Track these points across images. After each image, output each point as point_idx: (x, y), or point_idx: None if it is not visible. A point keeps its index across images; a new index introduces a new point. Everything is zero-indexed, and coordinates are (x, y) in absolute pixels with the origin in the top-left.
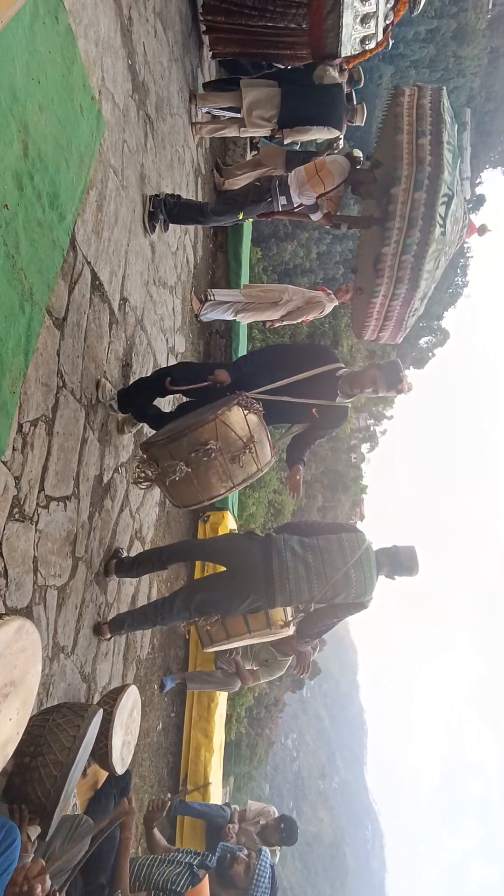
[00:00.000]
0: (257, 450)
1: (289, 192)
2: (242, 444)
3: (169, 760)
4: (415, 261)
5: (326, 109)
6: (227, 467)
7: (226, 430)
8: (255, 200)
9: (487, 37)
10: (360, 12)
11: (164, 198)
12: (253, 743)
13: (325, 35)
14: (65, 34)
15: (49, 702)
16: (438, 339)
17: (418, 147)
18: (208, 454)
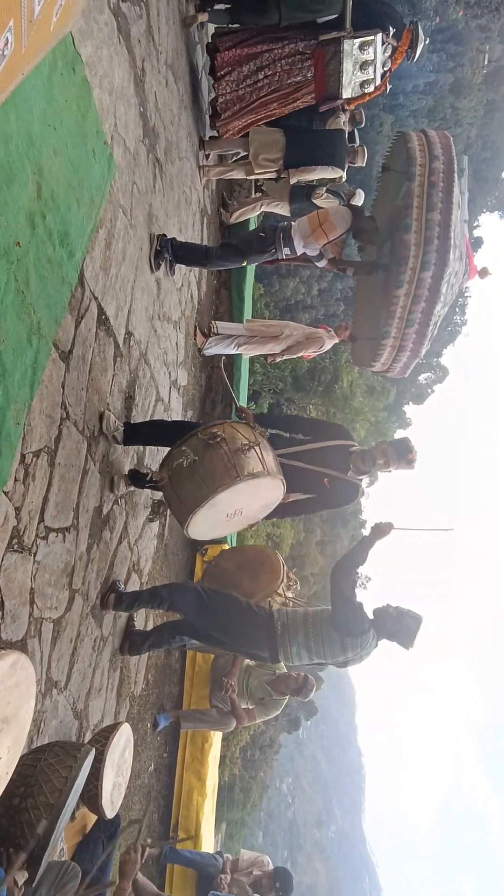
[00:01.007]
0: (263, 453)
1: (292, 243)
2: (248, 443)
3: (160, 804)
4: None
5: (329, 151)
6: (231, 457)
7: (233, 431)
8: (258, 251)
9: (483, 90)
10: (359, 59)
11: (171, 238)
12: (247, 786)
13: (327, 79)
14: (81, 84)
15: (40, 739)
16: (438, 376)
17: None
18: (214, 438)
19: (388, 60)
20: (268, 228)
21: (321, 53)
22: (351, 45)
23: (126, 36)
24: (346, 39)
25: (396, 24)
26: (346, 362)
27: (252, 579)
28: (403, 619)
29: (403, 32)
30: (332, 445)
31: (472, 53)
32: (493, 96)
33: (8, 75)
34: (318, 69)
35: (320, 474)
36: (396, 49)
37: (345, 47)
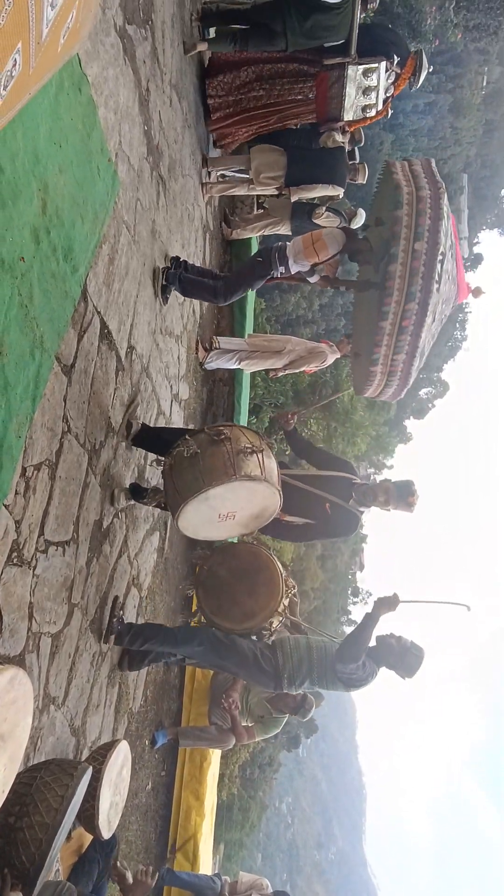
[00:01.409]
0: (264, 460)
1: (287, 262)
2: (251, 447)
3: (157, 824)
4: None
5: (330, 170)
6: (233, 457)
7: (240, 433)
8: (260, 276)
9: (482, 110)
10: (362, 85)
11: (179, 273)
12: (245, 806)
13: (329, 102)
14: (86, 103)
15: (36, 757)
16: (438, 391)
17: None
18: (219, 434)
19: (390, 86)
20: (264, 253)
21: (325, 76)
22: (355, 70)
23: (131, 57)
24: (350, 65)
25: (402, 52)
26: (346, 377)
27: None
28: (406, 655)
29: (408, 60)
30: (336, 477)
31: (471, 75)
32: (492, 116)
33: (15, 95)
34: (321, 91)
35: (322, 499)
36: (400, 76)
37: (349, 73)
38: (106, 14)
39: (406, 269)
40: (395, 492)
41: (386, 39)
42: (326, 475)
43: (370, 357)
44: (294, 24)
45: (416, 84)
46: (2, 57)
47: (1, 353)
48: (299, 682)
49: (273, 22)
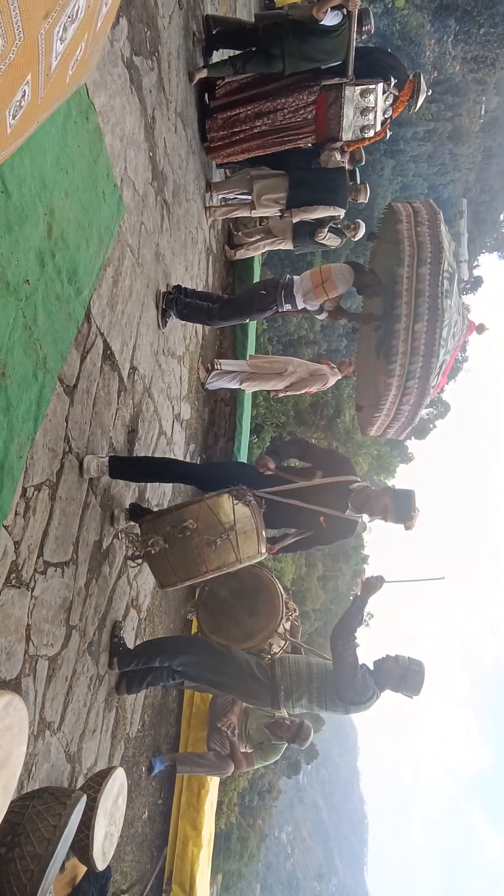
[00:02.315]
0: (238, 540)
1: (294, 300)
2: (222, 529)
3: (153, 855)
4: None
5: (331, 191)
6: (202, 550)
7: (209, 514)
8: (260, 309)
9: (481, 138)
10: (360, 105)
11: (176, 297)
12: (244, 835)
13: (328, 122)
14: (93, 131)
15: (30, 784)
16: (439, 412)
17: (418, 276)
18: (184, 531)
19: (389, 108)
20: (269, 285)
21: (323, 98)
22: (352, 91)
23: (138, 87)
24: (347, 86)
25: (400, 75)
26: (347, 397)
27: (250, 616)
28: (407, 674)
29: (406, 83)
30: (331, 484)
31: (470, 104)
32: (490, 143)
33: (24, 124)
34: (320, 112)
35: (317, 513)
36: (398, 98)
37: (346, 93)
38: (114, 46)
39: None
40: (392, 510)
41: (384, 63)
42: (321, 485)
43: (376, 405)
44: (292, 47)
45: (414, 107)
46: (12, 88)
47: (4, 374)
48: (296, 697)
49: (271, 46)
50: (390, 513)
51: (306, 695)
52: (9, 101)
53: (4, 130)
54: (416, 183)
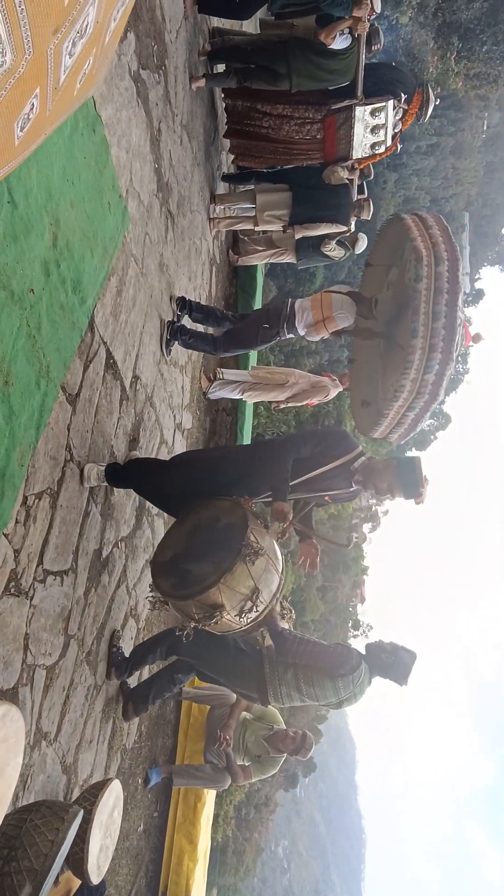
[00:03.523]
0: (263, 594)
1: (296, 330)
2: (248, 597)
3: (148, 868)
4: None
5: (334, 209)
6: (234, 620)
7: (230, 593)
8: (264, 340)
9: (483, 153)
10: (370, 124)
11: (181, 326)
12: (240, 849)
13: (337, 143)
14: (100, 143)
15: (26, 796)
16: (440, 423)
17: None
18: (212, 616)
19: (398, 122)
20: (272, 316)
21: (332, 120)
22: (363, 111)
23: (144, 100)
24: (357, 106)
25: (408, 89)
26: (348, 408)
27: None
28: (398, 654)
29: (414, 95)
30: (332, 469)
31: (472, 119)
32: (493, 158)
33: (32, 136)
34: (330, 133)
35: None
36: (407, 111)
37: (356, 113)
38: (121, 60)
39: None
40: (400, 486)
41: (391, 78)
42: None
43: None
44: (298, 66)
45: (424, 117)
46: (21, 101)
47: (7, 382)
48: (284, 690)
49: (277, 65)
50: (397, 489)
51: (293, 683)
52: (17, 114)
53: (12, 142)
54: (418, 196)
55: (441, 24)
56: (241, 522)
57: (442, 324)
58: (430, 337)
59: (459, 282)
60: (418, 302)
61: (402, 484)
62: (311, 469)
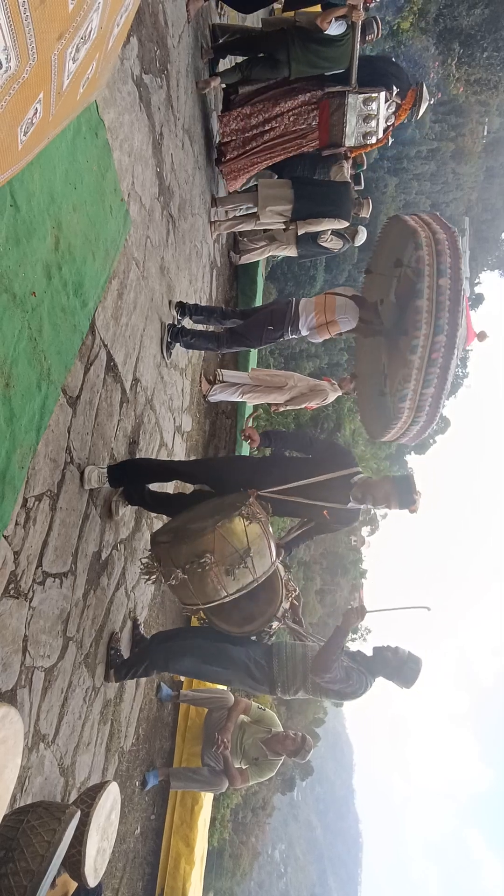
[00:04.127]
0: (254, 562)
1: (299, 332)
2: (238, 556)
3: (145, 871)
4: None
5: (336, 204)
6: (221, 578)
7: (223, 542)
8: (267, 341)
9: (483, 157)
10: (362, 112)
11: (181, 327)
12: (237, 853)
13: (331, 128)
14: (102, 147)
15: (23, 798)
16: (439, 427)
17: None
18: (202, 566)
19: (391, 116)
20: (276, 317)
21: (326, 104)
22: (356, 99)
23: (147, 104)
24: (350, 94)
25: (402, 84)
26: (348, 411)
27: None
28: (403, 667)
29: (409, 92)
30: (333, 478)
31: (473, 125)
32: (493, 163)
33: (35, 140)
34: (323, 118)
35: (320, 507)
36: (401, 106)
37: (349, 100)
38: (124, 64)
39: (433, 303)
40: (395, 496)
41: (387, 71)
42: (323, 480)
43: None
44: (297, 53)
45: (416, 115)
46: (24, 106)
47: (8, 384)
48: (293, 690)
49: (278, 51)
50: (393, 499)
51: (302, 687)
52: (21, 119)
53: (16, 146)
54: (418, 200)
55: (442, 30)
56: (243, 498)
57: (447, 283)
58: (436, 296)
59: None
60: (421, 264)
61: (398, 495)
62: (315, 473)
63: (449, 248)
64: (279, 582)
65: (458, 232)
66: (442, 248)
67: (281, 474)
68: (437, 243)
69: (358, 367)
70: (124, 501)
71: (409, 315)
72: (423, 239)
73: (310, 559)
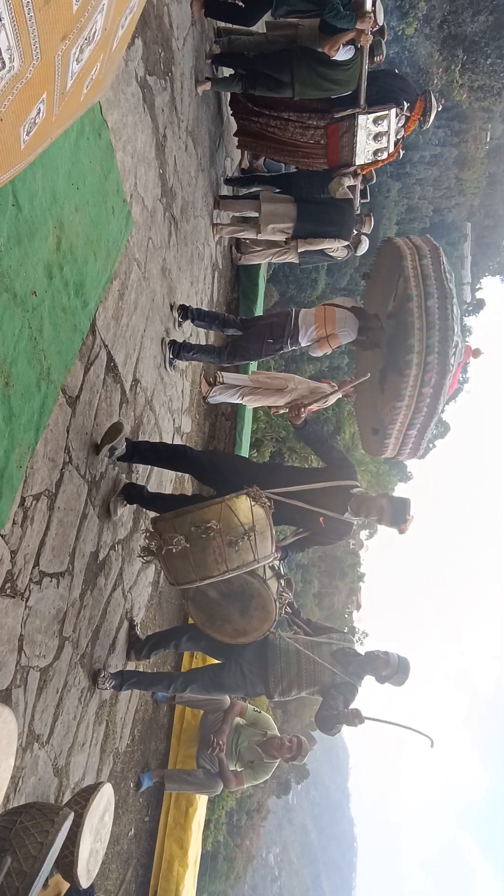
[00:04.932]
0: (257, 540)
1: (298, 343)
2: (243, 530)
3: (138, 873)
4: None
5: (338, 225)
6: (223, 550)
7: (230, 514)
8: (268, 353)
9: (486, 164)
10: (372, 132)
11: (184, 342)
12: (231, 856)
13: (340, 150)
14: (105, 148)
15: (17, 798)
16: (439, 431)
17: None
18: (207, 532)
19: (401, 129)
20: (276, 329)
21: (335, 128)
22: (365, 119)
23: (150, 105)
24: (360, 115)
25: (410, 97)
26: (348, 414)
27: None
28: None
29: (417, 102)
30: (333, 486)
31: (476, 131)
32: (495, 170)
33: (37, 140)
34: (333, 141)
35: (317, 514)
36: (409, 118)
37: (359, 121)
38: (128, 66)
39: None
40: (389, 512)
41: (394, 87)
42: (323, 488)
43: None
44: (302, 74)
45: (426, 124)
46: (27, 106)
47: (8, 383)
48: (288, 688)
49: (280, 73)
50: (386, 515)
51: (296, 685)
52: (24, 118)
53: (18, 146)
54: (421, 206)
55: (446, 37)
56: None
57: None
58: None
59: (448, 307)
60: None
61: (392, 512)
62: (318, 480)
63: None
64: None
65: (461, 237)
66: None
67: (284, 478)
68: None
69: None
70: (123, 501)
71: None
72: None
73: (308, 562)
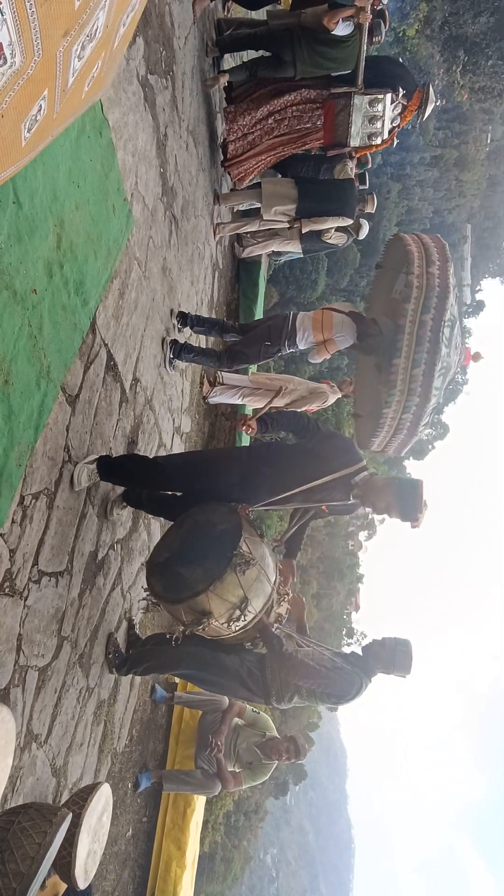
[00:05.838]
0: (252, 604)
1: (296, 346)
2: (236, 607)
3: (136, 874)
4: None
5: (341, 202)
6: (222, 629)
7: (219, 601)
8: (266, 356)
9: (486, 165)
10: (368, 113)
11: (185, 344)
12: (228, 856)
13: (336, 128)
14: (106, 146)
15: (14, 798)
16: (438, 433)
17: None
18: (203, 625)
19: (397, 117)
20: (273, 332)
21: (332, 105)
22: (361, 100)
23: (152, 104)
24: (356, 95)
25: (408, 86)
26: (347, 415)
27: None
28: (395, 654)
29: (415, 93)
30: (333, 480)
31: (476, 133)
32: (495, 172)
33: (38, 137)
34: (328, 118)
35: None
36: (406, 108)
37: (355, 101)
38: (129, 64)
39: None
40: (397, 507)
41: (393, 73)
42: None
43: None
44: (303, 53)
45: (422, 116)
46: (29, 102)
47: (7, 381)
48: (288, 697)
49: (283, 52)
50: (394, 509)
51: (297, 693)
52: (25, 115)
53: (19, 143)
54: (421, 207)
55: (447, 38)
56: (235, 530)
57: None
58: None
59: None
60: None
61: (400, 505)
62: (312, 478)
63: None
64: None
65: (461, 238)
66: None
67: (275, 474)
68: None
69: (358, 381)
70: (122, 503)
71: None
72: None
73: (306, 563)
